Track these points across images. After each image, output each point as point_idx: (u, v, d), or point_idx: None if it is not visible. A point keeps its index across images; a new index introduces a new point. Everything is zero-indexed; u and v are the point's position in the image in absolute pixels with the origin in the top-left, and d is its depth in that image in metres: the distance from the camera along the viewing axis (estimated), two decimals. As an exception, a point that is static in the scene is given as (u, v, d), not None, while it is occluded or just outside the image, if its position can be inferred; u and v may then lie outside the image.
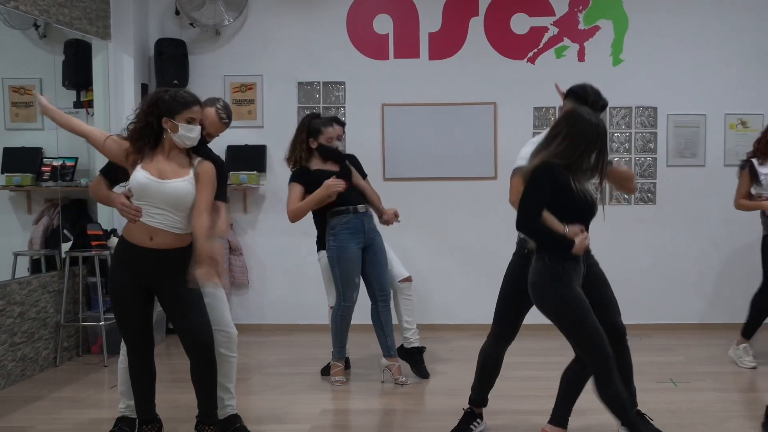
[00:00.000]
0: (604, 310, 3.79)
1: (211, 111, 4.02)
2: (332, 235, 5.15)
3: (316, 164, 5.20)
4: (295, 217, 5.13)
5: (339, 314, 5.20)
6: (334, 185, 4.99)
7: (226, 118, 4.10)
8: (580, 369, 3.69)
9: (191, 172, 3.71)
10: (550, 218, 3.50)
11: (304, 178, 5.13)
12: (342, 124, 5.41)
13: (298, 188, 5.11)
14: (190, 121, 3.68)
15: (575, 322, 3.52)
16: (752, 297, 5.68)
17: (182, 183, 3.68)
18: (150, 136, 3.69)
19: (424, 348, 5.54)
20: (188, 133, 3.68)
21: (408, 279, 5.51)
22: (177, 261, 3.69)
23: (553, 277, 3.49)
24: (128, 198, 3.74)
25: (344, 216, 5.13)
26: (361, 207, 5.18)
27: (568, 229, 3.49)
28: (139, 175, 3.67)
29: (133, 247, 3.71)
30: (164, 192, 3.65)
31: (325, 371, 5.48)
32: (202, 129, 3.80)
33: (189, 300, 3.72)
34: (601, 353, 3.50)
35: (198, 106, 3.73)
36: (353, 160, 5.46)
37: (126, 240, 3.75)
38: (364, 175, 5.44)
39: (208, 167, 3.75)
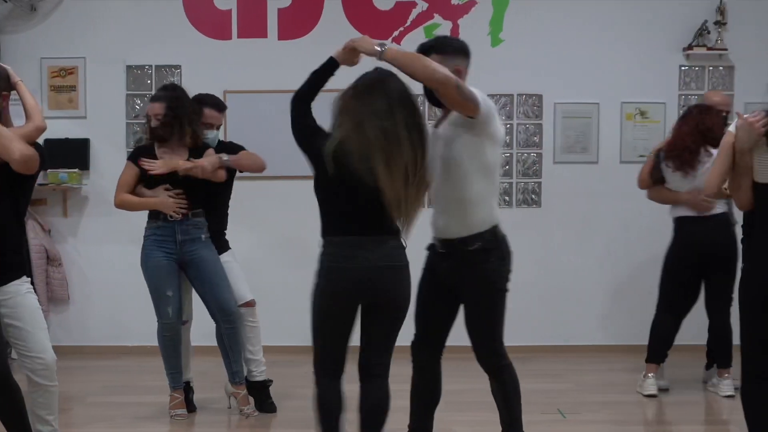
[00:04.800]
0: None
1: None
2: (144, 240, 4.95)
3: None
4: (121, 207, 4.95)
5: (160, 334, 4.96)
6: (173, 205, 4.80)
7: None
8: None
9: None
10: None
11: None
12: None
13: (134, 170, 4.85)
14: None
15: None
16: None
17: None
18: None
19: (270, 381, 5.22)
20: None
21: (249, 304, 5.13)
22: None
23: None
24: None
25: (154, 222, 4.89)
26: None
27: None
28: None
29: None
30: None
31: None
32: None
33: None
34: None
35: None
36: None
37: None
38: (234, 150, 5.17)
39: None
